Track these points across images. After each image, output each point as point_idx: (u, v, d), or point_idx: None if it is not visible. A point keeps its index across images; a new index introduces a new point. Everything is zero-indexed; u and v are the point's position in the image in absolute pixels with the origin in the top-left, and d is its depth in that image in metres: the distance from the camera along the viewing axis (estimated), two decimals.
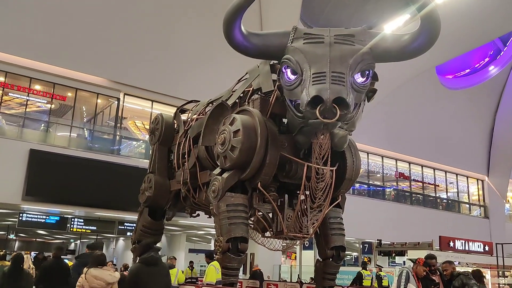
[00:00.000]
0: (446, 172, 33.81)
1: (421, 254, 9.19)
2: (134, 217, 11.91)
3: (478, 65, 32.94)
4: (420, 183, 32.50)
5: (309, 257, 20.61)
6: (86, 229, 20.56)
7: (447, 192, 34.54)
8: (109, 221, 20.91)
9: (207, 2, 20.54)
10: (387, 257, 25.22)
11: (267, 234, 7.38)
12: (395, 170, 31.02)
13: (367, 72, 5.80)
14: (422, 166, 32.34)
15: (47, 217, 19.29)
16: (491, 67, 32.51)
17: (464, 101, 32.64)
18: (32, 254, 35.24)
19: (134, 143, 22.60)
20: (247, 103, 7.38)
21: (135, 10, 19.92)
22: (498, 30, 22.97)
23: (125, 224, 20.99)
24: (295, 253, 24.54)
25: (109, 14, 19.35)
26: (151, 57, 20.49)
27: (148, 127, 20.05)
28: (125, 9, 19.69)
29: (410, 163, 31.59)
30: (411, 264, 7.78)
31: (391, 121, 28.62)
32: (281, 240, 7.58)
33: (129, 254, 12.53)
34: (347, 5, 23.68)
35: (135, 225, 10.63)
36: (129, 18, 19.80)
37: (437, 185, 33.47)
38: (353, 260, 36.10)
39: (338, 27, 6.15)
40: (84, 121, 21.94)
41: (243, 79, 8.04)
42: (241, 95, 7.69)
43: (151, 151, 10.35)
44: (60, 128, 20.28)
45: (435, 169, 33.04)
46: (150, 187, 9.44)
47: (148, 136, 11.57)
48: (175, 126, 9.89)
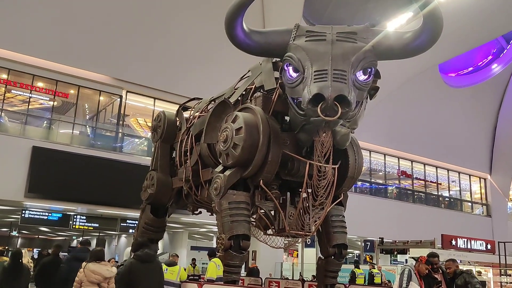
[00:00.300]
0: (448, 170, 33.74)
1: (423, 253, 9.18)
2: (137, 214, 11.95)
3: (481, 63, 32.83)
4: (423, 181, 32.44)
5: (311, 255, 20.57)
6: (89, 226, 20.60)
7: (449, 190, 34.48)
8: (111, 218, 20.93)
9: (210, 1, 20.51)
10: (389, 255, 25.20)
11: (269, 231, 7.39)
12: (397, 168, 30.97)
13: (369, 69, 5.79)
14: (425, 164, 32.28)
15: (50, 214, 19.32)
16: (494, 65, 32.40)
17: (467, 99, 32.54)
18: (35, 250, 35.48)
19: (137, 140, 22.62)
20: (249, 100, 7.38)
21: (138, 8, 19.90)
22: (501, 28, 22.88)
23: (127, 221, 21.02)
24: (297, 250, 24.51)
25: (111, 11, 19.34)
26: (154, 54, 20.48)
27: (150, 124, 20.08)
28: (127, 6, 19.67)
29: (412, 161, 31.52)
30: (413, 262, 7.76)
31: (393, 119, 28.56)
32: (283, 238, 7.60)
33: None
34: (349, 2, 23.63)
35: (137, 222, 10.66)
36: (132, 15, 19.78)
37: (440, 184, 33.40)
38: (354, 258, 36.11)
39: (341, 25, 6.15)
40: (87, 118, 21.96)
41: (245, 76, 8.05)
42: (244, 92, 7.70)
43: (153, 149, 10.38)
44: (62, 126, 20.29)
45: (437, 167, 32.97)
46: (153, 184, 9.47)
47: (150, 133, 11.60)
48: (178, 123, 9.91)
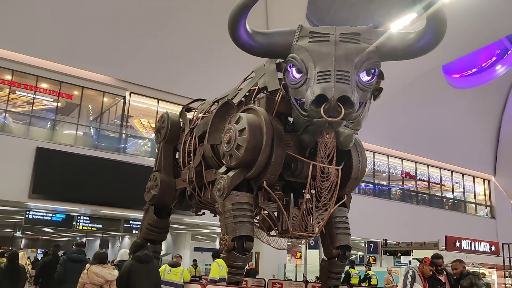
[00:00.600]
0: (452, 171, 33.66)
1: (427, 254, 9.16)
2: (140, 215, 11.94)
3: (485, 64, 32.72)
4: (426, 183, 32.37)
5: (314, 256, 20.52)
6: (92, 227, 20.65)
7: (453, 191, 34.38)
8: (115, 219, 20.98)
9: (213, 1, 20.53)
10: (392, 257, 25.13)
11: (273, 233, 7.38)
12: (401, 169, 30.91)
13: (373, 70, 5.77)
14: (428, 166, 32.21)
15: (53, 215, 19.37)
16: (498, 66, 32.28)
17: (470, 100, 32.45)
18: (39, 251, 35.57)
19: (140, 141, 22.66)
20: (253, 101, 7.38)
21: (141, 9, 19.94)
22: (505, 29, 22.83)
23: (130, 222, 21.06)
24: (300, 252, 24.49)
25: (115, 13, 19.39)
26: (157, 55, 20.52)
27: (154, 125, 20.10)
28: (131, 8, 19.72)
29: (416, 162, 31.47)
30: (417, 264, 7.75)
31: (397, 120, 28.51)
32: (287, 239, 7.58)
33: None
34: (353, 3, 23.61)
35: (140, 223, 10.67)
36: (135, 17, 19.83)
37: (443, 185, 33.32)
38: (358, 259, 36.02)
39: (344, 26, 6.14)
40: (91, 119, 22.02)
41: (249, 77, 8.04)
42: (247, 93, 7.69)
43: (157, 150, 10.38)
44: (66, 126, 20.36)
45: (441, 168, 32.90)
46: (156, 185, 9.47)
47: (154, 134, 11.61)
48: (181, 124, 9.91)
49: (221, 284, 7.52)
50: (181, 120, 9.96)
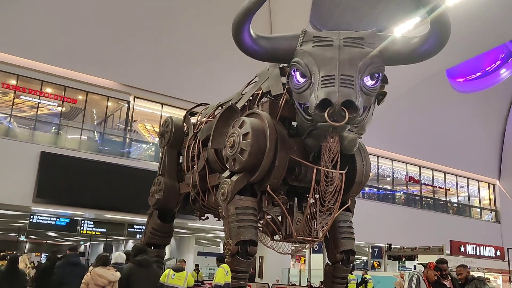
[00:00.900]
0: (456, 176, 33.52)
1: (431, 259, 9.11)
2: (144, 219, 11.95)
3: (489, 68, 32.61)
4: (431, 187, 32.24)
5: (318, 260, 20.51)
6: (96, 231, 20.66)
7: (457, 196, 34.24)
8: (118, 223, 20.98)
9: (216, 6, 20.60)
10: (397, 262, 25.03)
11: (276, 237, 7.36)
12: (405, 173, 30.82)
13: (377, 75, 5.77)
14: (433, 170, 32.09)
15: (58, 219, 19.40)
16: (503, 70, 32.17)
17: (475, 104, 32.37)
18: (43, 255, 35.59)
19: (144, 145, 22.70)
20: (256, 106, 7.38)
21: (145, 14, 20.03)
22: (509, 33, 22.75)
23: (134, 226, 21.05)
24: (304, 256, 24.43)
25: (119, 18, 19.48)
26: (161, 60, 20.58)
27: (158, 130, 20.14)
28: (135, 13, 19.81)
29: (420, 166, 31.37)
30: (422, 269, 7.70)
31: (401, 125, 28.46)
32: (290, 244, 7.56)
33: None
34: (356, 8, 23.64)
35: (144, 227, 10.67)
36: (139, 22, 19.91)
37: (448, 189, 33.18)
38: (362, 264, 35.90)
39: (348, 30, 6.14)
40: (95, 124, 22.08)
41: (252, 82, 8.05)
42: (251, 98, 7.69)
43: (160, 154, 10.39)
44: (70, 131, 20.42)
45: (445, 173, 32.77)
46: (160, 189, 9.48)
47: (158, 138, 11.63)
48: (185, 129, 9.92)
49: None
50: (185, 125, 9.97)
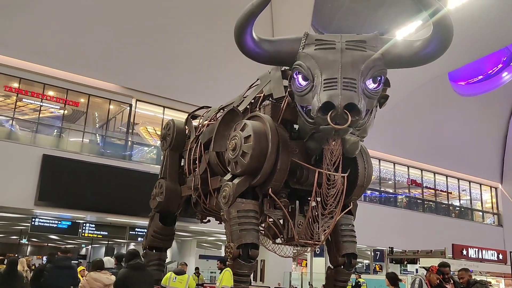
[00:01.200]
0: (459, 179, 33.44)
1: (433, 262, 9.07)
2: (145, 222, 11.94)
3: (491, 71, 32.56)
4: (433, 190, 32.16)
5: (320, 264, 20.42)
6: (98, 234, 20.63)
7: (460, 199, 34.13)
8: (120, 226, 20.96)
9: (218, 9, 20.64)
10: (399, 265, 24.94)
11: (278, 240, 7.35)
12: (407, 177, 30.75)
13: (379, 78, 5.77)
14: (435, 173, 32.03)
15: (59, 222, 19.38)
16: (504, 74, 32.11)
17: (477, 107, 32.31)
18: (44, 258, 35.54)
19: (146, 148, 22.69)
20: (258, 109, 7.38)
21: (147, 18, 20.06)
22: (511, 36, 22.74)
23: (136, 229, 21.02)
24: (306, 260, 24.37)
25: (121, 21, 19.52)
26: (163, 63, 20.61)
27: (159, 133, 20.16)
28: (138, 16, 19.85)
29: (422, 170, 31.30)
30: (424, 272, 7.68)
31: (403, 128, 28.42)
32: (292, 247, 7.54)
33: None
34: (358, 11, 23.63)
35: (146, 230, 10.66)
36: (141, 25, 19.94)
37: (450, 193, 33.09)
38: (364, 267, 35.77)
39: (350, 33, 6.14)
40: (97, 127, 22.10)
41: (254, 85, 8.06)
42: (252, 101, 7.70)
43: (162, 157, 10.40)
44: (72, 134, 20.44)
45: (447, 176, 32.70)
46: (161, 192, 9.48)
47: (159, 141, 11.63)
48: (187, 132, 9.93)
49: None
50: (186, 128, 9.98)
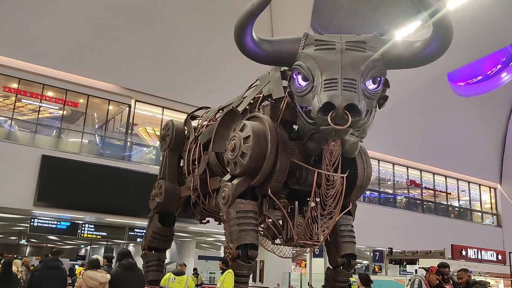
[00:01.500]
0: (458, 180, 33.46)
1: (432, 263, 9.07)
2: (145, 223, 11.94)
3: (490, 72, 32.58)
4: (432, 191, 32.17)
5: (319, 264, 20.42)
6: (97, 235, 20.61)
7: (459, 200, 34.15)
8: (119, 227, 20.95)
9: (217, 10, 20.64)
10: (398, 266, 24.95)
11: (277, 241, 7.34)
12: (406, 177, 30.76)
13: (379, 79, 5.77)
14: (434, 174, 32.04)
15: (58, 223, 19.37)
16: (504, 74, 32.14)
17: (476, 108, 32.34)
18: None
19: (145, 149, 22.69)
20: (257, 109, 7.38)
21: (147, 18, 20.06)
22: (510, 36, 22.76)
23: (135, 230, 21.01)
24: (305, 260, 24.37)
25: (120, 22, 19.50)
26: (162, 64, 20.60)
27: (159, 133, 20.14)
28: (137, 16, 19.84)
29: (421, 170, 31.32)
30: (424, 273, 7.68)
31: (402, 128, 28.43)
32: (291, 248, 7.54)
33: (139, 260, 12.60)
34: (357, 12, 23.63)
35: (145, 231, 10.65)
36: (141, 25, 19.93)
37: (449, 193, 33.11)
38: (363, 268, 35.78)
39: (349, 34, 6.14)
40: (96, 127, 22.09)
41: (253, 85, 8.06)
42: (252, 101, 7.70)
43: (161, 157, 10.39)
44: (72, 134, 20.43)
45: (446, 176, 32.72)
46: (161, 193, 9.47)
47: (158, 142, 11.62)
48: (186, 132, 9.92)
49: None
50: (186, 128, 9.97)
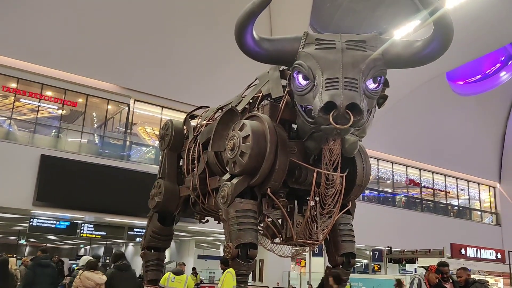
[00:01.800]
0: (457, 178, 33.49)
1: (432, 262, 9.08)
2: (144, 222, 11.94)
3: (489, 71, 32.61)
4: (431, 190, 32.19)
5: (319, 264, 20.43)
6: (96, 235, 20.61)
7: (458, 199, 34.18)
8: (118, 226, 20.95)
9: (217, 9, 20.62)
10: (397, 265, 24.98)
11: (277, 240, 7.34)
12: (405, 176, 30.78)
13: (379, 78, 5.77)
14: (433, 173, 32.06)
15: (58, 222, 19.35)
16: (502, 73, 32.17)
17: (475, 107, 32.36)
18: None
19: (144, 149, 22.67)
20: (256, 109, 7.38)
21: (146, 18, 20.03)
22: (509, 35, 22.77)
23: (134, 229, 21.02)
24: (305, 259, 24.38)
25: (119, 21, 19.48)
26: (161, 63, 20.59)
27: (158, 133, 20.13)
28: (135, 16, 19.81)
29: (420, 169, 31.33)
30: (423, 272, 7.69)
31: (401, 127, 28.44)
32: (291, 247, 7.54)
33: (138, 259, 12.61)
34: (356, 11, 23.62)
35: (144, 230, 10.65)
36: (140, 25, 19.90)
37: (448, 192, 33.14)
38: (363, 267, 35.83)
39: (348, 33, 6.13)
40: (95, 127, 22.08)
41: (252, 85, 8.05)
42: (251, 101, 7.69)
43: (161, 157, 10.38)
44: (71, 134, 20.41)
45: (446, 175, 32.74)
46: (160, 192, 9.47)
47: (158, 142, 11.62)
48: (185, 132, 9.92)
49: None
50: (185, 127, 9.96)
